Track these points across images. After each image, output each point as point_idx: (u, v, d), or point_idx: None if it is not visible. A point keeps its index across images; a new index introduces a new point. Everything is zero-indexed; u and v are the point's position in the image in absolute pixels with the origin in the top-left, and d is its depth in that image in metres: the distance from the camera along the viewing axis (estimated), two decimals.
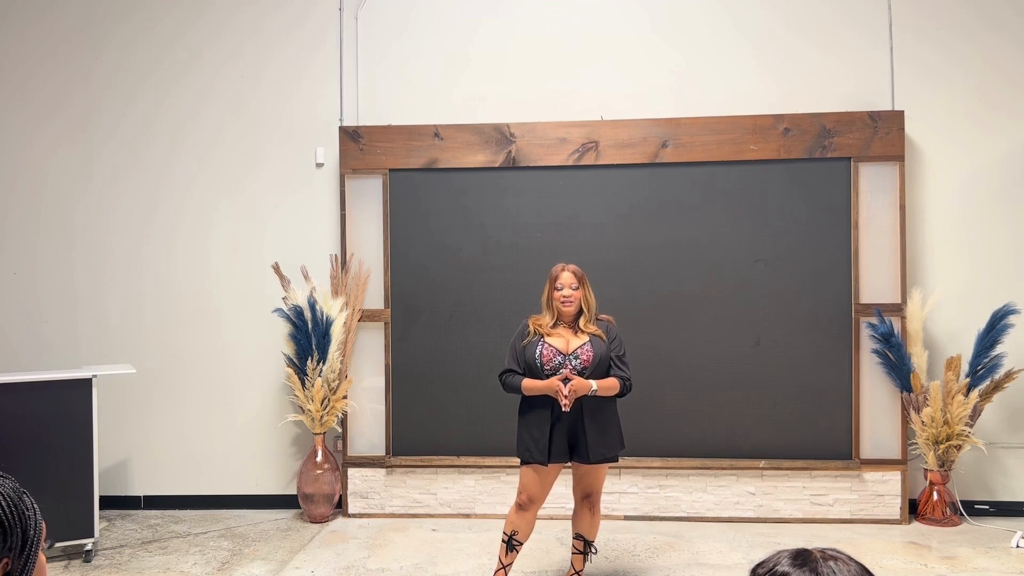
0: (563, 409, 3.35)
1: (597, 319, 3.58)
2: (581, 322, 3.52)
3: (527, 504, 3.51)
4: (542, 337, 3.51)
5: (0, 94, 5.28)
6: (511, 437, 3.62)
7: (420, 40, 5.16)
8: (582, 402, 3.40)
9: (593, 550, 3.68)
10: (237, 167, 5.22)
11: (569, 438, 3.46)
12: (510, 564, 3.57)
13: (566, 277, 3.52)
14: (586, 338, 3.49)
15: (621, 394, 3.51)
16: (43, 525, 1.14)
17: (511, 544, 3.55)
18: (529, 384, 3.46)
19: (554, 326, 3.55)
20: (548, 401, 3.43)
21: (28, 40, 5.27)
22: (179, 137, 5.24)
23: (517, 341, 3.58)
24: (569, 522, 3.84)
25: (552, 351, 3.47)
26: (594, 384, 3.39)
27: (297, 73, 5.20)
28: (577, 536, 3.66)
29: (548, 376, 3.43)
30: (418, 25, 5.17)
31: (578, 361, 3.45)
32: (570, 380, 3.34)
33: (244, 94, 5.22)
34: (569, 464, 3.54)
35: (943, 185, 4.91)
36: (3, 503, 1.07)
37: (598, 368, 3.45)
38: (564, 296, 3.50)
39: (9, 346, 5.22)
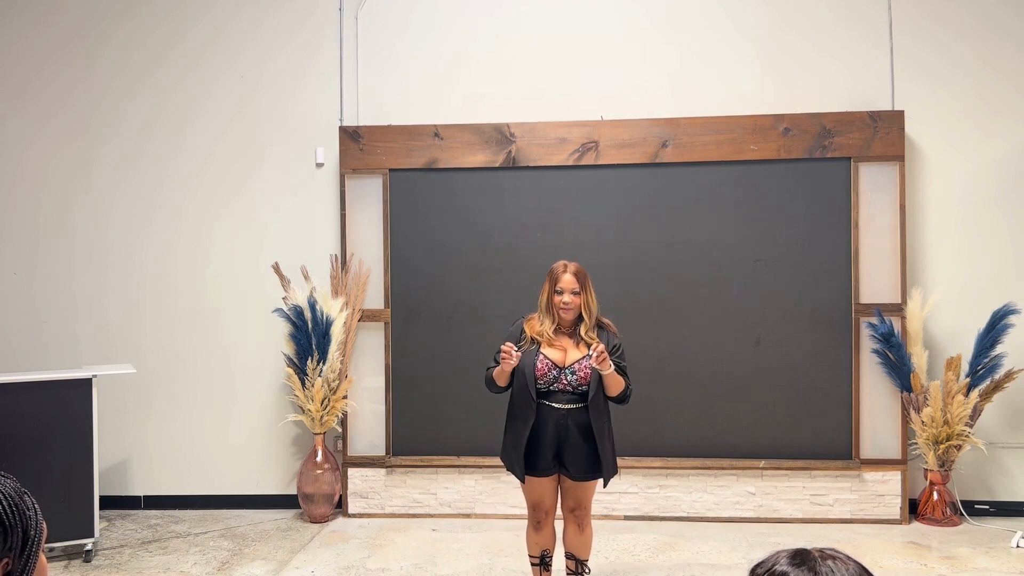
0: (505, 362, 3.15)
1: (598, 325, 3.33)
2: (581, 330, 3.27)
3: (544, 520, 3.37)
4: (539, 347, 3.27)
5: (0, 94, 5.29)
6: None
7: (420, 40, 5.16)
8: (579, 417, 3.21)
9: (586, 569, 3.43)
10: (237, 167, 5.22)
11: (557, 452, 3.25)
12: None
13: (567, 280, 3.25)
14: (586, 351, 3.23)
15: (621, 398, 3.29)
16: (44, 526, 1.14)
17: (545, 563, 3.42)
18: (495, 372, 3.28)
19: (553, 331, 3.30)
20: (529, 410, 3.23)
21: (28, 40, 5.27)
22: (179, 137, 5.24)
23: (510, 341, 3.32)
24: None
25: (547, 364, 3.23)
26: (612, 367, 3.15)
27: (297, 73, 5.21)
28: (569, 555, 3.43)
29: (540, 389, 3.23)
30: (418, 25, 5.17)
31: (574, 377, 3.22)
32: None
33: (244, 94, 5.22)
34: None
35: (943, 185, 4.91)
36: (4, 503, 1.07)
37: (597, 386, 3.22)
38: (564, 302, 3.24)
39: (9, 346, 5.22)
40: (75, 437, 4.22)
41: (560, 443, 3.24)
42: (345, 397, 4.93)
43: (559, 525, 3.45)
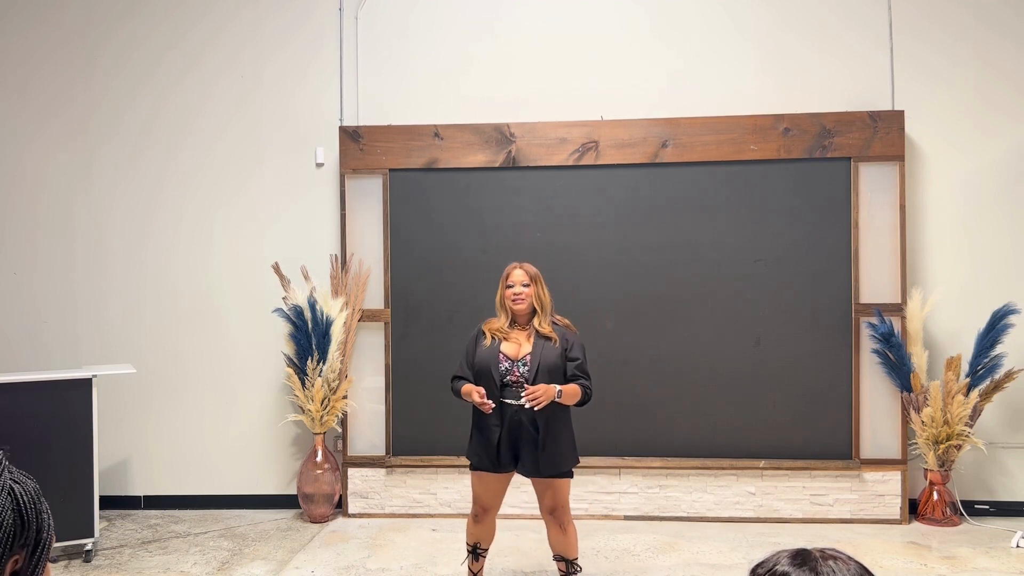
0: (484, 411, 3.28)
1: (554, 322, 3.45)
2: (535, 321, 3.41)
3: (482, 515, 3.48)
4: (499, 343, 3.40)
5: (0, 94, 5.29)
6: None
7: (420, 40, 5.17)
8: (532, 413, 3.26)
9: (577, 568, 3.47)
10: (237, 167, 5.22)
11: (513, 449, 3.35)
12: (480, 571, 3.58)
13: (517, 275, 3.42)
14: (539, 344, 3.36)
15: (581, 403, 3.36)
16: (53, 536, 1.15)
17: (476, 553, 3.56)
18: (461, 390, 3.42)
19: (509, 326, 3.44)
20: (500, 408, 3.33)
21: (28, 40, 5.27)
22: (179, 137, 5.24)
23: (471, 347, 3.47)
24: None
25: (501, 357, 3.37)
26: (558, 388, 3.26)
27: (297, 73, 5.21)
28: (557, 557, 3.48)
29: (501, 383, 3.34)
30: (418, 25, 5.17)
31: (526, 368, 3.33)
32: (522, 392, 3.26)
33: (244, 94, 5.22)
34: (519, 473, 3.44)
35: (943, 185, 4.91)
36: (25, 497, 1.08)
37: (547, 376, 3.31)
38: (515, 293, 3.39)
39: (9, 346, 5.22)
40: (75, 437, 4.22)
41: (515, 440, 3.35)
42: (345, 397, 4.93)
43: (540, 527, 3.48)
